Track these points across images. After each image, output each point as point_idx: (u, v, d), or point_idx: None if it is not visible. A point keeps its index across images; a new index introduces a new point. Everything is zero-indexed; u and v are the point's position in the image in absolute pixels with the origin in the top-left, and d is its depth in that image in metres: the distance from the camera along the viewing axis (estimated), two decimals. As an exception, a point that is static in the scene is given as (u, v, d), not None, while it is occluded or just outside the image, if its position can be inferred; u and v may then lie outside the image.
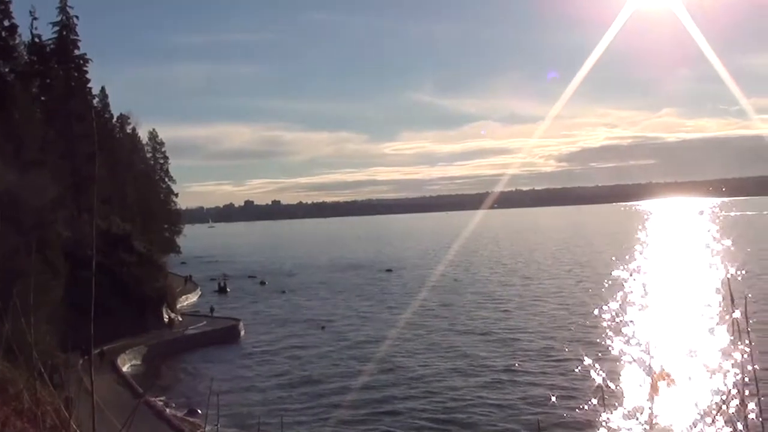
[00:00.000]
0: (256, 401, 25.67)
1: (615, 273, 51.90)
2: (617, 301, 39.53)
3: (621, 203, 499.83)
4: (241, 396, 26.35)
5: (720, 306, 37.65)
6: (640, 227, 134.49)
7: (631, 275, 44.81)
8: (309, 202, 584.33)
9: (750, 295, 38.23)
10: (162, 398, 26.40)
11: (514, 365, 27.67)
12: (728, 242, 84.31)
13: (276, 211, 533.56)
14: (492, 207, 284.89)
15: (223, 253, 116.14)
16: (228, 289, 60.75)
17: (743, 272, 51.60)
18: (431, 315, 40.57)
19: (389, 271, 69.37)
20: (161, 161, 79.63)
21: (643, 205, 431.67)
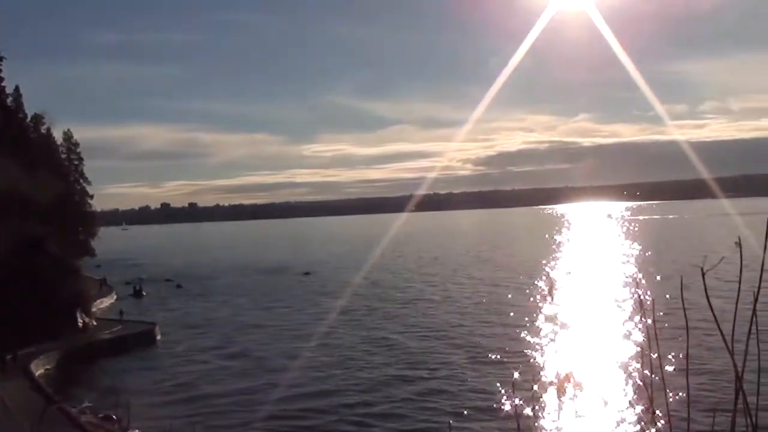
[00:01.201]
0: (172, 406, 25.54)
1: (528, 275, 52.75)
2: (529, 304, 40.27)
3: (538, 207, 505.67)
4: (157, 401, 26.20)
5: (628, 308, 38.72)
6: (554, 230, 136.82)
7: (544, 277, 45.57)
8: (226, 204, 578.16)
9: (654, 298, 39.45)
10: (76, 404, 26.07)
11: (429, 366, 28.05)
12: (637, 245, 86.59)
13: (193, 213, 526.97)
14: (410, 210, 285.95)
15: (139, 256, 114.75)
16: (144, 293, 60.09)
17: (647, 274, 52.96)
18: (350, 317, 40.77)
19: (307, 274, 69.35)
20: (76, 162, 78.04)
21: (559, 208, 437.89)
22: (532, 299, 41.19)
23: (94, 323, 42.59)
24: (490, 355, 29.21)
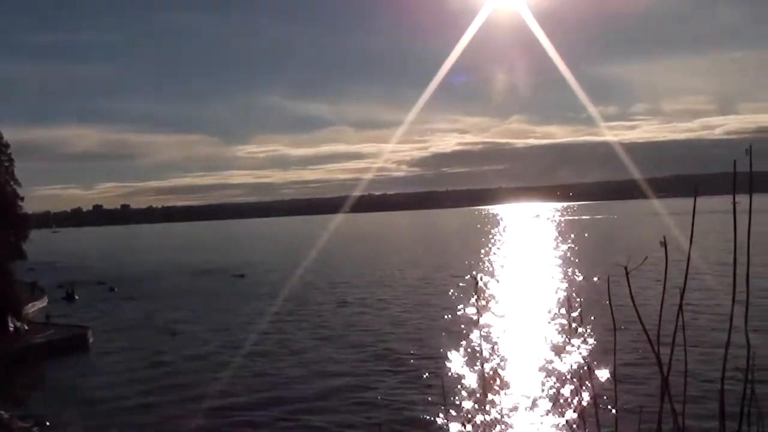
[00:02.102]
0: (105, 411, 25.24)
1: (458, 276, 53.13)
2: (457, 304, 40.65)
3: (472, 207, 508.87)
4: (90, 406, 25.88)
5: (556, 307, 39.33)
6: (487, 231, 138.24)
7: (471, 278, 46.00)
8: (159, 206, 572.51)
9: (582, 297, 40.12)
10: (7, 411, 25.66)
11: (361, 367, 28.14)
12: (568, 246, 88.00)
13: (126, 215, 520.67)
14: (346, 211, 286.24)
15: (71, 259, 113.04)
16: (76, 297, 59.15)
17: (576, 274, 53.81)
18: (284, 319, 40.68)
19: (242, 276, 68.96)
20: (6, 164, 76.64)
21: (493, 209, 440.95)
22: (460, 300, 41.59)
23: (26, 327, 41.90)
24: (416, 355, 29.53)
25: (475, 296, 4.57)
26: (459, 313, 37.65)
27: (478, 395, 18.11)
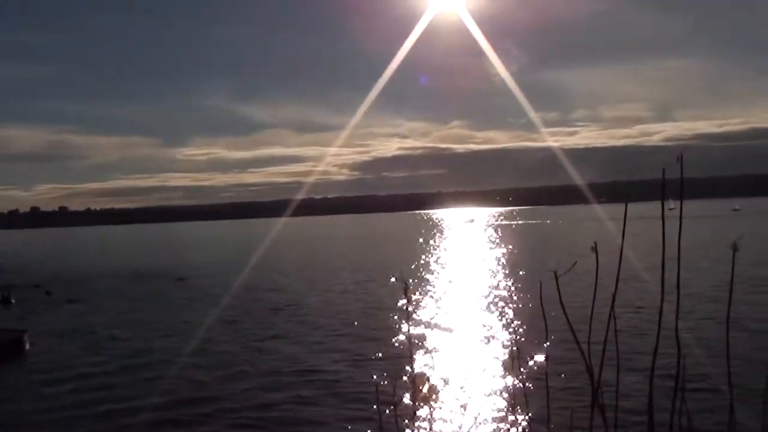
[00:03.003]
0: (43, 422, 24.80)
1: (393, 280, 53.25)
2: (390, 309, 40.75)
3: (412, 212, 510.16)
4: (27, 417, 25.40)
5: (490, 311, 39.62)
6: (426, 236, 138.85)
7: (405, 282, 45.92)
8: (98, 208, 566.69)
9: (516, 303, 40.45)
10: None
11: (298, 372, 28.05)
12: (506, 250, 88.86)
13: (64, 217, 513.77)
14: (286, 215, 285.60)
15: (7, 261, 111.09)
16: (12, 300, 58.08)
17: (513, 278, 54.29)
18: (226, 323, 40.36)
19: (182, 279, 68.35)
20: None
21: (433, 213, 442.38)
22: (392, 305, 41.70)
23: (-41, 332, 40.98)
24: (350, 360, 29.42)
25: (406, 301, 4.58)
26: (392, 317, 37.74)
27: (408, 400, 18.13)
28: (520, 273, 57.56)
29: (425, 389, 21.76)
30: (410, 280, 48.13)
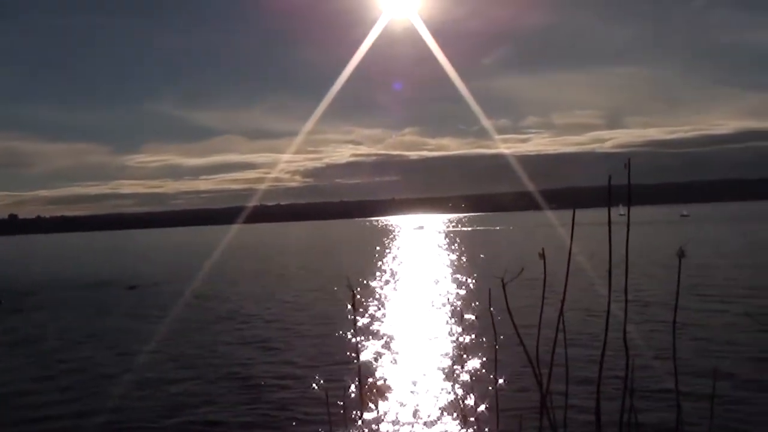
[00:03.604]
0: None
1: (342, 287, 53.21)
2: (339, 316, 40.76)
3: (365, 219, 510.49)
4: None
5: (439, 318, 39.77)
6: (377, 243, 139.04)
7: (353, 290, 46.07)
8: (48, 216, 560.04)
9: (464, 310, 40.59)
10: None
11: (248, 380, 27.94)
12: (457, 256, 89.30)
13: (13, 225, 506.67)
14: (238, 222, 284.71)
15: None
16: (-41, 310, 57.20)
17: (462, 285, 54.51)
18: (176, 333, 40.03)
19: (133, 288, 67.67)
20: None
21: (385, 220, 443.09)
22: (340, 313, 41.74)
23: None
24: (299, 367, 29.42)
25: (353, 309, 4.60)
26: (340, 325, 37.77)
27: (356, 406, 18.09)
28: (469, 280, 57.80)
29: (374, 395, 21.77)
30: (358, 288, 48.20)
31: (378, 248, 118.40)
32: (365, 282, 58.29)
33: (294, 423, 21.91)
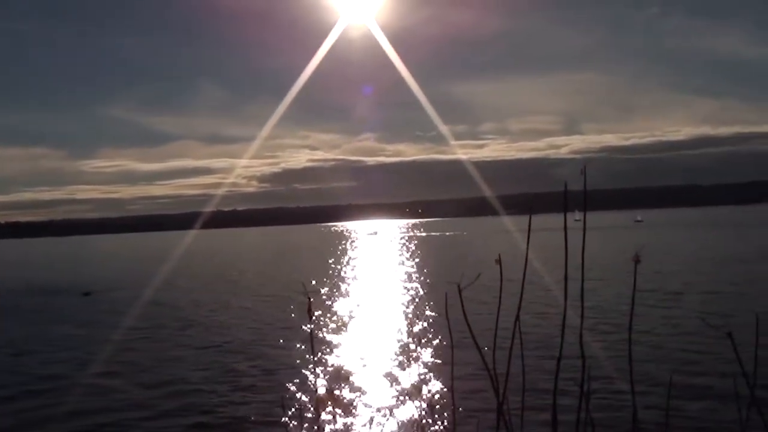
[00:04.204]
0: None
1: (297, 293, 53.10)
2: (292, 323, 40.68)
3: (322, 224, 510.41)
4: None
5: (394, 325, 39.76)
6: (333, 248, 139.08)
7: (308, 297, 46.11)
8: (3, 221, 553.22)
9: (420, 316, 40.69)
10: None
11: (202, 387, 27.75)
12: (414, 262, 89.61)
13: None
14: (195, 228, 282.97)
15: None
16: None
17: (418, 291, 54.62)
18: (130, 340, 39.66)
19: (87, 294, 66.95)
20: None
21: (343, 226, 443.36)
22: (295, 320, 41.65)
23: None
24: (254, 375, 29.28)
25: (308, 316, 4.57)
26: (295, 331, 37.70)
27: (312, 414, 18.02)
28: (425, 285, 57.96)
29: (329, 402, 21.72)
30: (312, 294, 48.11)
31: (334, 254, 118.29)
32: (320, 288, 58.10)
33: (250, 430, 21.78)
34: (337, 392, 24.38)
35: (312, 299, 4.41)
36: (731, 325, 4.32)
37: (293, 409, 21.15)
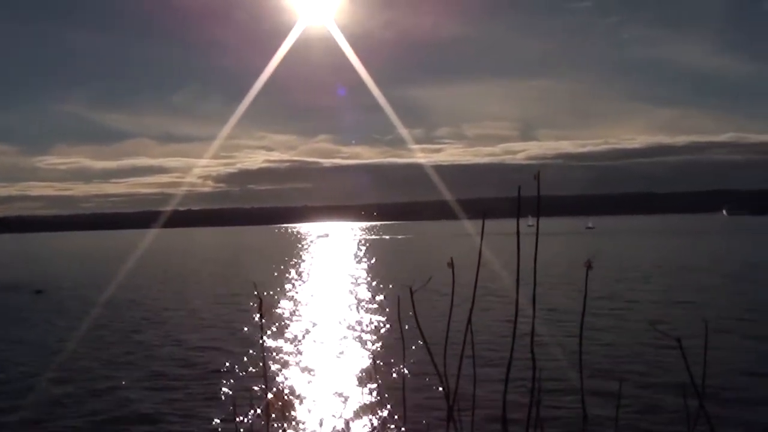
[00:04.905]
0: None
1: (249, 294, 52.87)
2: (244, 324, 40.55)
3: (277, 225, 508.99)
4: None
5: (346, 327, 39.77)
6: (288, 250, 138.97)
7: (259, 297, 45.72)
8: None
9: (372, 318, 40.78)
10: None
11: (152, 389, 27.55)
12: (367, 264, 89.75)
13: None
14: (149, 227, 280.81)
15: None
16: None
17: (372, 293, 54.68)
18: (81, 337, 39.26)
19: (39, 292, 66.13)
20: None
21: (298, 227, 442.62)
22: (247, 320, 41.52)
23: None
24: (205, 378, 29.05)
25: (260, 317, 4.55)
26: (246, 333, 37.59)
27: (263, 417, 17.93)
28: (378, 288, 58.02)
29: (281, 405, 21.61)
30: (264, 295, 47.76)
31: (287, 255, 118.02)
32: (271, 290, 57.85)
33: None
34: (288, 393, 24.32)
35: (262, 300, 4.39)
36: (680, 332, 4.37)
37: (242, 412, 21.05)
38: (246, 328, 39.27)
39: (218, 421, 22.17)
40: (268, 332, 37.01)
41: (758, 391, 23.74)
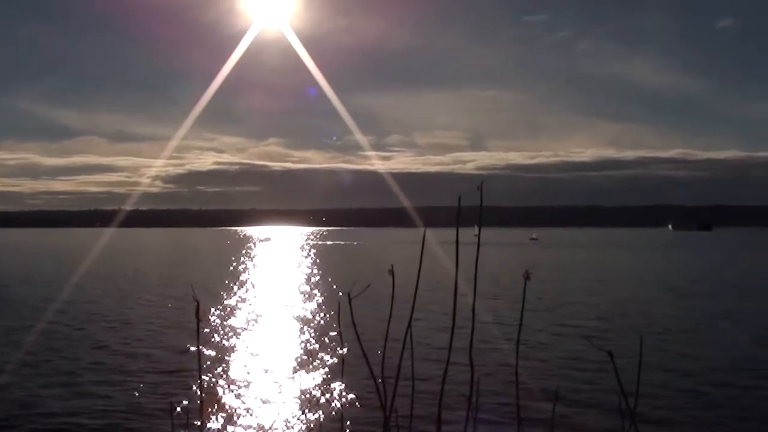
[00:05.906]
0: None
1: (190, 297, 52.45)
2: (187, 326, 40.22)
3: (226, 228, 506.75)
4: None
5: (284, 332, 39.69)
6: (233, 253, 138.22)
7: (197, 301, 45.35)
8: None
9: (312, 325, 40.74)
10: None
11: (92, 392, 27.18)
12: (312, 270, 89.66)
13: None
14: (96, 226, 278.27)
15: None
16: None
17: (314, 298, 54.64)
18: (17, 336, 38.66)
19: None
20: None
21: (245, 230, 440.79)
22: (185, 322, 41.25)
23: None
24: (142, 381, 28.60)
25: (197, 320, 4.55)
26: (183, 336, 37.28)
27: (197, 421, 17.80)
28: (318, 294, 57.96)
29: (216, 408, 21.56)
30: (201, 298, 47.43)
31: (230, 258, 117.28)
32: (211, 293, 57.41)
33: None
34: (224, 397, 24.19)
35: (199, 303, 4.40)
36: (614, 345, 4.45)
37: (180, 413, 20.90)
38: (182, 331, 38.85)
39: (152, 424, 21.98)
40: (205, 336, 36.68)
41: (687, 408, 23.97)
